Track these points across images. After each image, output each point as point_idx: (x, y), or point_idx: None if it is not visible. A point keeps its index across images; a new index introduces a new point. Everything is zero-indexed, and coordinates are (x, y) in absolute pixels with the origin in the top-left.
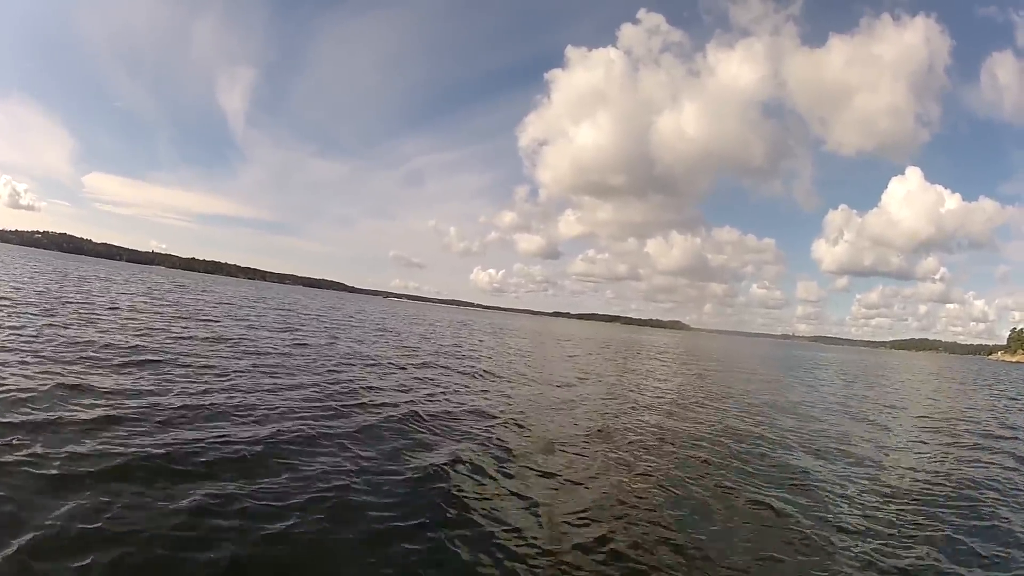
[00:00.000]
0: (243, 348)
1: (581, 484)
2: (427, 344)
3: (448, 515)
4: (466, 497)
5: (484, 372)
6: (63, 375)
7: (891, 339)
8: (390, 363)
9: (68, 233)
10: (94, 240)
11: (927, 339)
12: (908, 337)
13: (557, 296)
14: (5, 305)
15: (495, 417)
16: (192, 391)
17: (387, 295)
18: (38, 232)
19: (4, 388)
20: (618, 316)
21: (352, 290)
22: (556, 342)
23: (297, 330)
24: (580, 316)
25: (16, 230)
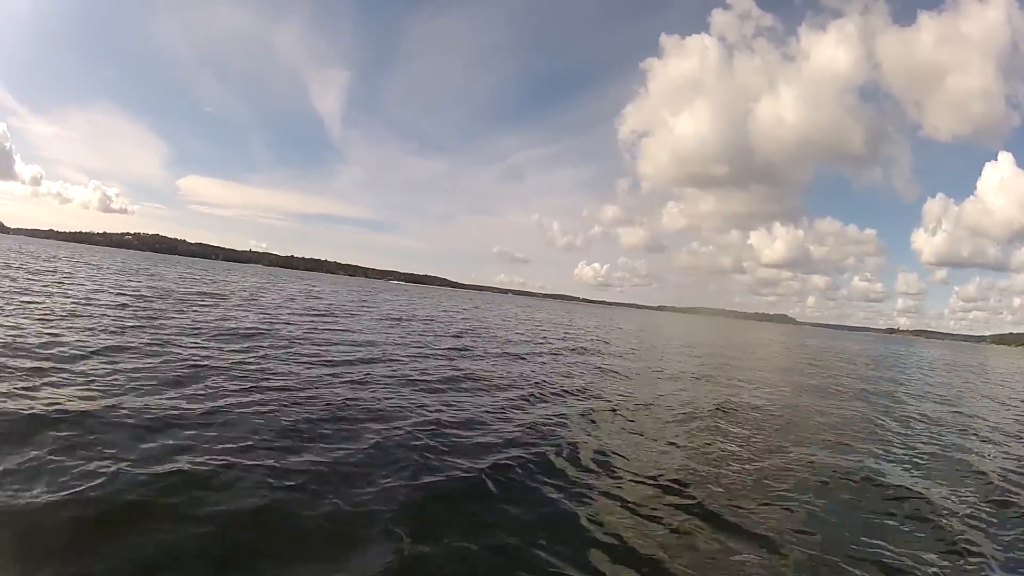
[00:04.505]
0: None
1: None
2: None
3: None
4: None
5: None
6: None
7: (989, 333)
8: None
9: (160, 234)
10: (188, 240)
11: None
12: (1005, 331)
13: (661, 289)
14: None
15: None
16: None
17: (494, 290)
18: (128, 234)
19: None
20: (723, 309)
21: (456, 285)
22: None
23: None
24: (685, 310)
25: (104, 232)
